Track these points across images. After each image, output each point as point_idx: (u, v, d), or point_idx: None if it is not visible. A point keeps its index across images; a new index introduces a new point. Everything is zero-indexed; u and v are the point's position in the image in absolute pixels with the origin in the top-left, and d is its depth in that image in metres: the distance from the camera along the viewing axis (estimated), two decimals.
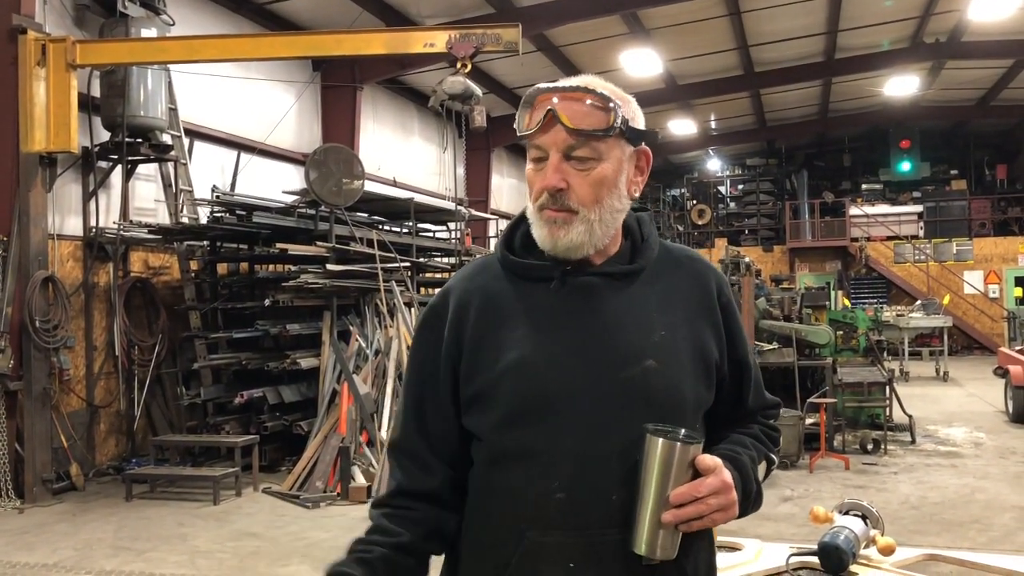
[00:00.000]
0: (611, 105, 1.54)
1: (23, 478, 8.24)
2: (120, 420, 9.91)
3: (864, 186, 26.71)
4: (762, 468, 1.66)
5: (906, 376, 16.45)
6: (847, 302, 16.45)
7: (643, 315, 1.59)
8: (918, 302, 19.16)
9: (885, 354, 13.79)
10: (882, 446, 9.66)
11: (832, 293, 13.69)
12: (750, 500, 1.59)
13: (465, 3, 12.97)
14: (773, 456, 1.72)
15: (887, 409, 10.24)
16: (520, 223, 1.69)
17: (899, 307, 19.68)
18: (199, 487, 8.48)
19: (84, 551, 6.62)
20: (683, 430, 1.46)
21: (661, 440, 1.44)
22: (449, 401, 1.62)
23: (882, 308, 16.98)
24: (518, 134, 1.60)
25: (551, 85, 1.58)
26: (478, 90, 7.96)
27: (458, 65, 7.91)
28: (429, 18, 13.28)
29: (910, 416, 10.29)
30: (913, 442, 10.15)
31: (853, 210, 25.19)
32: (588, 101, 1.54)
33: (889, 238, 24.88)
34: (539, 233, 1.58)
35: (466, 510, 1.62)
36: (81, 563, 6.33)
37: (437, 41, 8.07)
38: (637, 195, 1.63)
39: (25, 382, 8.34)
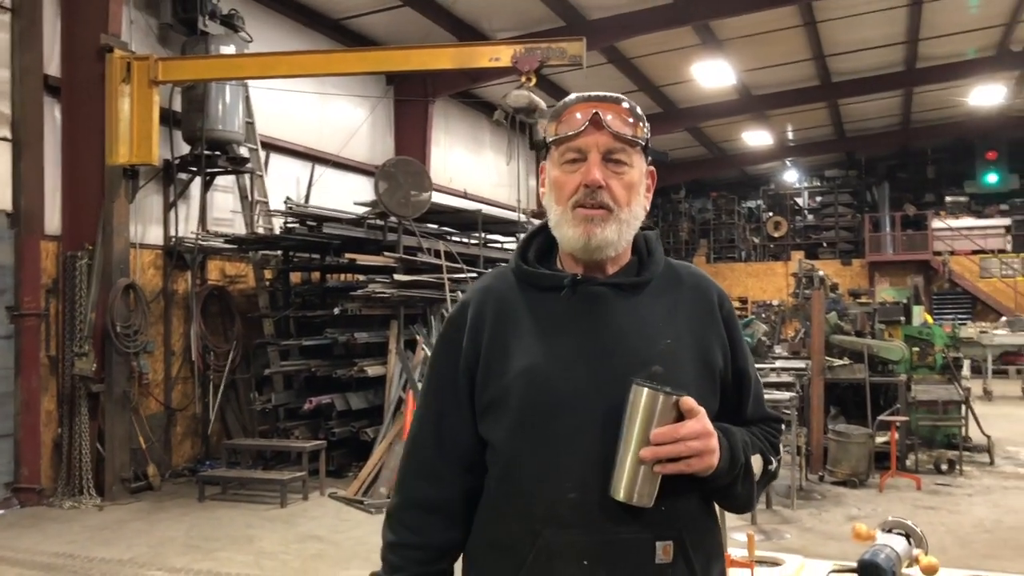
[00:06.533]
0: (640, 118, 1.65)
1: (103, 477, 8.59)
2: (196, 423, 10.26)
3: (948, 198, 25.87)
4: (756, 462, 1.67)
5: (990, 395, 15.86)
6: (929, 318, 15.95)
7: (649, 324, 1.64)
8: (1003, 319, 18.47)
9: (965, 371, 13.32)
10: (957, 467, 9.35)
11: (913, 308, 13.26)
12: (736, 472, 1.61)
13: (535, 16, 13.06)
14: (772, 459, 1.74)
15: (963, 428, 9.90)
16: (536, 235, 1.76)
17: (984, 323, 19.00)
18: (268, 490, 8.70)
19: (157, 548, 6.87)
20: (669, 387, 1.50)
21: (646, 390, 1.49)
22: (468, 411, 1.68)
23: (962, 324, 16.40)
24: (548, 140, 1.66)
25: (587, 94, 1.67)
26: (542, 103, 8.02)
27: (523, 79, 8.00)
28: (500, 32, 13.43)
29: (989, 436, 9.94)
30: (992, 463, 9.79)
31: (936, 223, 24.45)
32: (623, 112, 1.64)
33: (974, 252, 24.05)
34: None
35: (481, 511, 1.68)
36: (154, 560, 6.57)
37: (502, 55, 8.17)
38: (647, 209, 1.70)
39: (106, 385, 8.70)
